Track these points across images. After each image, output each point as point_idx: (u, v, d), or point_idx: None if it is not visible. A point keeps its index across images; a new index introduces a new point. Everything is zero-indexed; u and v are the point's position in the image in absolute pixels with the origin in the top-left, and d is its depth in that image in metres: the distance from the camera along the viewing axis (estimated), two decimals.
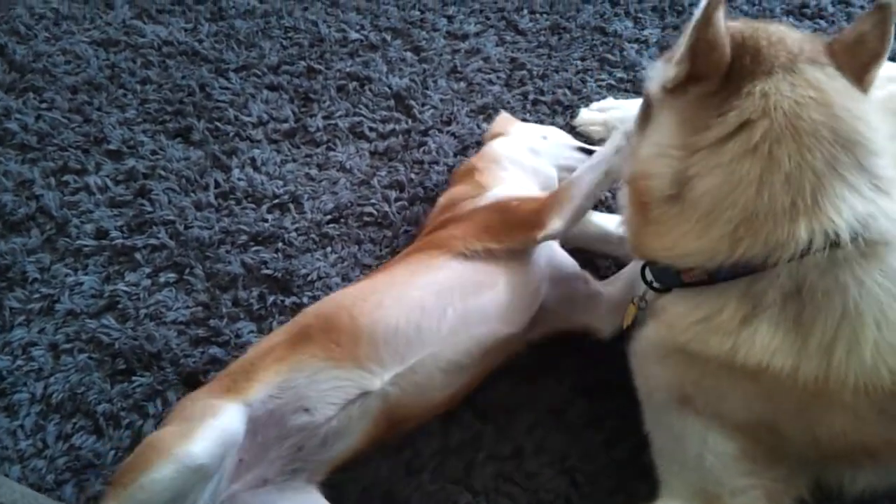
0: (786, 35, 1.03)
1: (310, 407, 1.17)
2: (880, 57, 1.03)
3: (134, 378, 1.47)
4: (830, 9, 2.36)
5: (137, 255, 1.70)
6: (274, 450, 1.18)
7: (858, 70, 1.02)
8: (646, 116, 1.11)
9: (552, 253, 1.45)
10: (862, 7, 2.36)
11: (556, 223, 1.34)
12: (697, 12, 0.96)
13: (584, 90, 2.08)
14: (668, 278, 1.09)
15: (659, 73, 1.07)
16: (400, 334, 1.22)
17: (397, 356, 1.21)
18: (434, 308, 1.25)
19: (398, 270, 1.37)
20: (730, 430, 1.04)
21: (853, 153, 0.95)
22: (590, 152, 1.65)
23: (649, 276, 1.15)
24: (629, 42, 2.25)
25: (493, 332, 1.29)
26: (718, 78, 0.98)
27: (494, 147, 1.70)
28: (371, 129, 2.01)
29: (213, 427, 1.08)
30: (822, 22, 2.30)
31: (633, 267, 1.43)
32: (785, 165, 0.94)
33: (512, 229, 1.36)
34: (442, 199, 1.61)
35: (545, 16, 2.38)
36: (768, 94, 0.96)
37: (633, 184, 1.10)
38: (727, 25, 0.99)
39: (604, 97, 2.04)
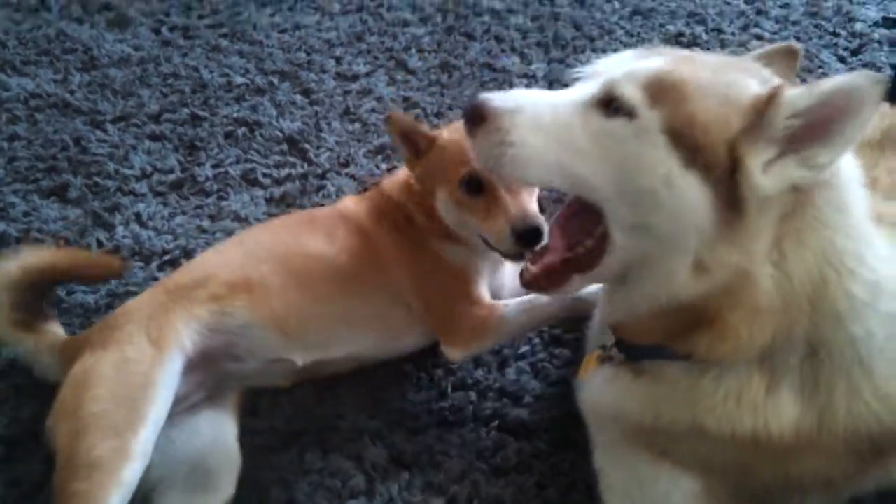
0: None
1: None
2: None
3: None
4: (705, 37, 2.48)
5: None
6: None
7: None
8: (731, 223, 0.90)
9: None
10: (733, 34, 2.49)
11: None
12: (855, 123, 0.83)
13: None
14: (657, 354, 1.03)
15: (778, 176, 0.87)
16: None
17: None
18: None
19: None
20: (701, 471, 1.02)
21: None
22: None
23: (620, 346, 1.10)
24: (518, 77, 2.27)
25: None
26: None
27: None
28: (265, 174, 1.93)
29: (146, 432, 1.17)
30: (698, 49, 2.39)
31: None
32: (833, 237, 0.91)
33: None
34: None
35: (433, 54, 2.38)
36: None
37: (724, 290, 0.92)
38: None
39: None
